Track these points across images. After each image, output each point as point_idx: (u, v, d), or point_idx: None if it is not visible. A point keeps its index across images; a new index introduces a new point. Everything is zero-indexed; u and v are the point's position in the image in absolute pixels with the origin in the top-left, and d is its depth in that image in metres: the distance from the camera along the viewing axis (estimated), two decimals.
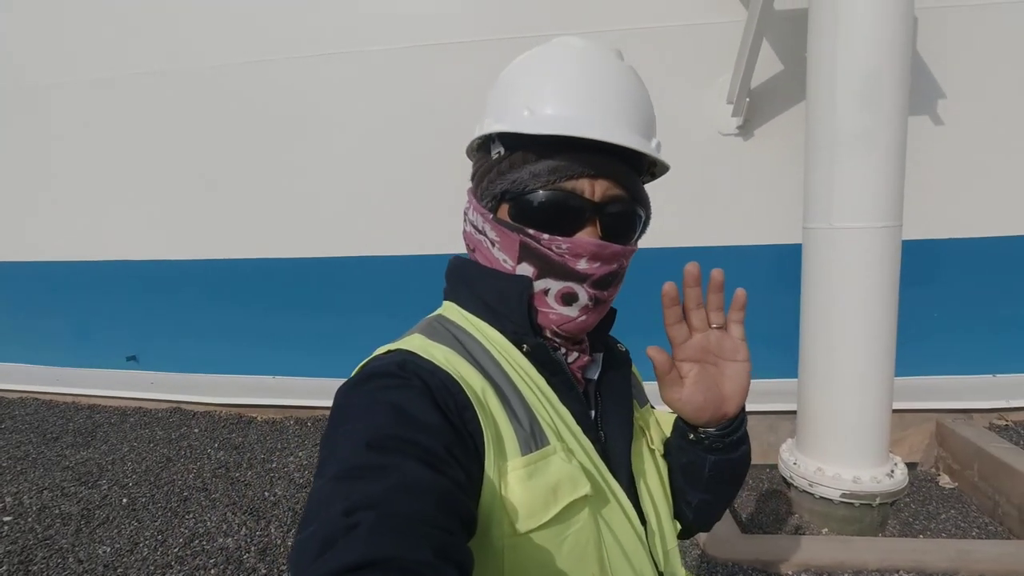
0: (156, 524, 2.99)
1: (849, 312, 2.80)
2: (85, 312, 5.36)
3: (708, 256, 4.07)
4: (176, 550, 2.77)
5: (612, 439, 0.73)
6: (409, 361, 0.62)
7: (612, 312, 0.78)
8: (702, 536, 2.66)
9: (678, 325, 0.70)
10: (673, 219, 4.08)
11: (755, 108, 3.85)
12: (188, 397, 4.56)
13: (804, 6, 2.98)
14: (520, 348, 0.69)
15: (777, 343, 3.89)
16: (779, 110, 3.86)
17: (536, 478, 0.61)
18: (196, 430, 4.17)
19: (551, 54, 0.70)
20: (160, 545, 2.82)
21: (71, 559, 2.71)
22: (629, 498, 0.70)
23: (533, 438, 0.63)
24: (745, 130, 3.91)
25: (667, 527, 0.77)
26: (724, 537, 2.61)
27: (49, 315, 5.46)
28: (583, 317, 0.70)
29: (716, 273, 0.69)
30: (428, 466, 0.52)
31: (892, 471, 2.85)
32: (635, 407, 0.80)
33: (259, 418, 4.36)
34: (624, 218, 0.70)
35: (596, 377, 0.76)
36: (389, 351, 0.66)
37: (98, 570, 2.63)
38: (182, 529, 2.94)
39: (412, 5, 4.18)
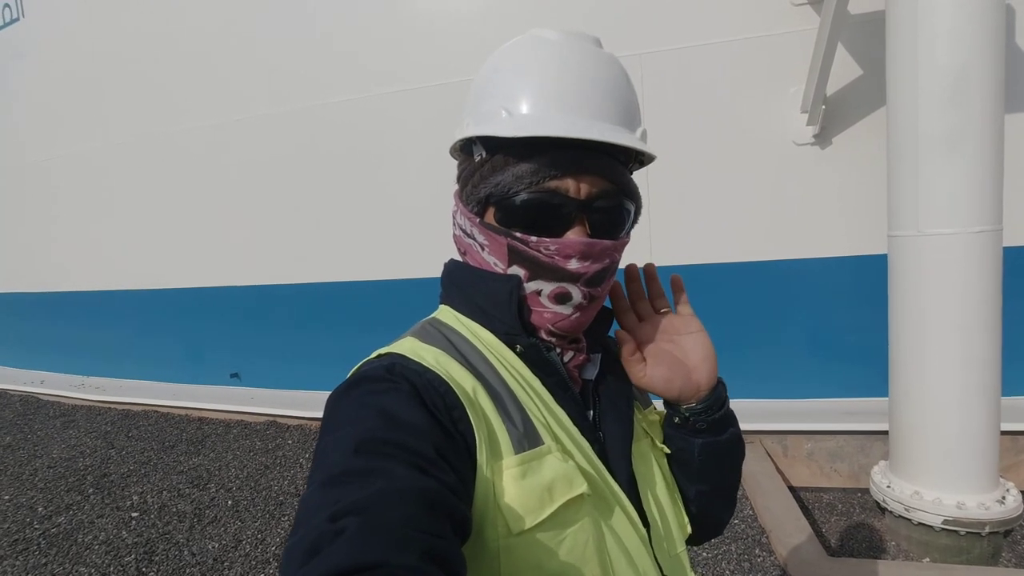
0: (256, 524, 3.27)
1: (944, 323, 2.63)
2: (196, 334, 5.97)
3: (787, 269, 3.94)
4: (274, 548, 3.01)
5: (611, 440, 0.72)
6: (397, 364, 0.62)
7: (610, 313, 0.79)
8: (782, 554, 2.55)
9: (626, 314, 0.79)
10: (749, 233, 4.01)
11: (831, 116, 3.73)
12: (283, 411, 4.93)
13: (881, 8, 2.89)
14: (513, 349, 0.69)
15: (864, 360, 3.68)
16: (857, 116, 3.71)
17: (530, 477, 0.60)
18: (290, 441, 4.49)
19: (526, 50, 0.68)
20: (260, 543, 3.08)
21: (186, 552, 3.01)
22: (631, 500, 0.69)
23: (527, 438, 0.62)
24: (821, 139, 3.79)
25: (674, 531, 0.75)
26: (808, 559, 2.48)
27: (166, 337, 6.12)
28: (577, 315, 0.69)
29: (648, 266, 0.80)
30: (416, 469, 0.52)
31: (1003, 498, 2.61)
32: (638, 408, 0.79)
33: None
34: (612, 213, 0.69)
35: (594, 377, 0.75)
36: (379, 355, 0.66)
37: (208, 563, 2.91)
38: (279, 530, 3.19)
39: (483, 40, 4.43)
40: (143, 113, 5.76)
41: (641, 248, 4.13)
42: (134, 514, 3.44)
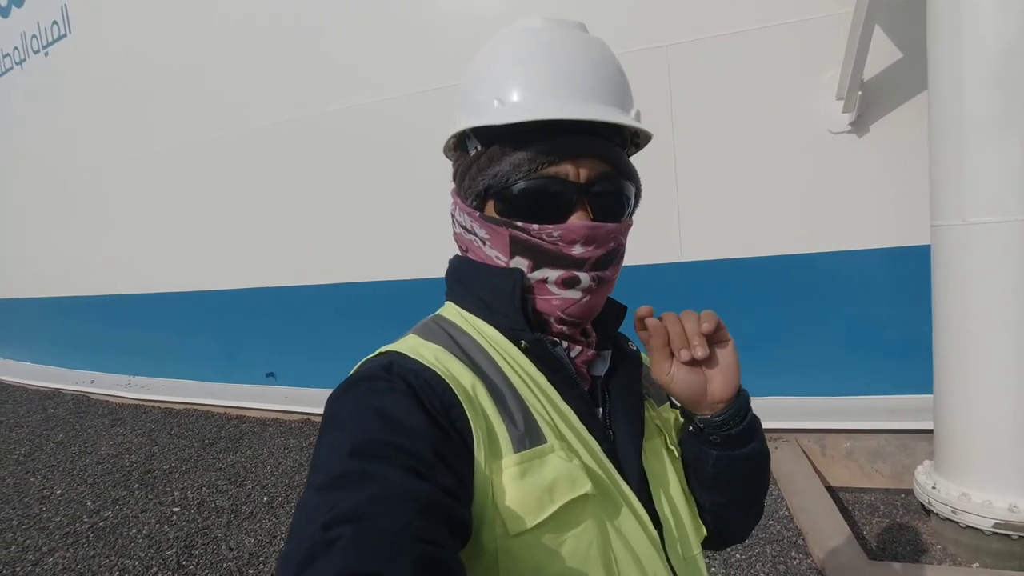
0: (291, 521, 3.34)
1: (993, 315, 2.49)
2: (233, 335, 6.15)
3: (825, 263, 3.81)
4: None
5: (622, 438, 0.70)
6: (395, 363, 0.61)
7: (621, 309, 0.76)
8: (820, 556, 2.46)
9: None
10: (784, 226, 3.89)
11: (868, 102, 3.58)
12: (317, 410, 5.02)
13: None
14: (518, 345, 0.67)
15: (906, 355, 3.54)
16: (896, 102, 3.55)
17: (529, 477, 0.58)
18: None
19: (513, 39, 0.68)
20: None
21: (223, 547, 3.11)
22: (643, 500, 0.67)
23: (528, 436, 0.61)
24: (858, 126, 3.63)
25: (688, 532, 0.73)
26: (848, 562, 2.39)
27: (206, 338, 6.33)
28: (587, 298, 0.67)
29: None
30: (413, 472, 0.51)
31: None
32: (651, 405, 0.77)
33: None
34: (613, 196, 0.68)
35: (603, 374, 0.73)
36: (380, 353, 0.66)
37: (244, 558, 2.99)
38: None
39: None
40: (181, 123, 5.96)
41: (671, 243, 4.06)
42: (175, 509, 3.57)
